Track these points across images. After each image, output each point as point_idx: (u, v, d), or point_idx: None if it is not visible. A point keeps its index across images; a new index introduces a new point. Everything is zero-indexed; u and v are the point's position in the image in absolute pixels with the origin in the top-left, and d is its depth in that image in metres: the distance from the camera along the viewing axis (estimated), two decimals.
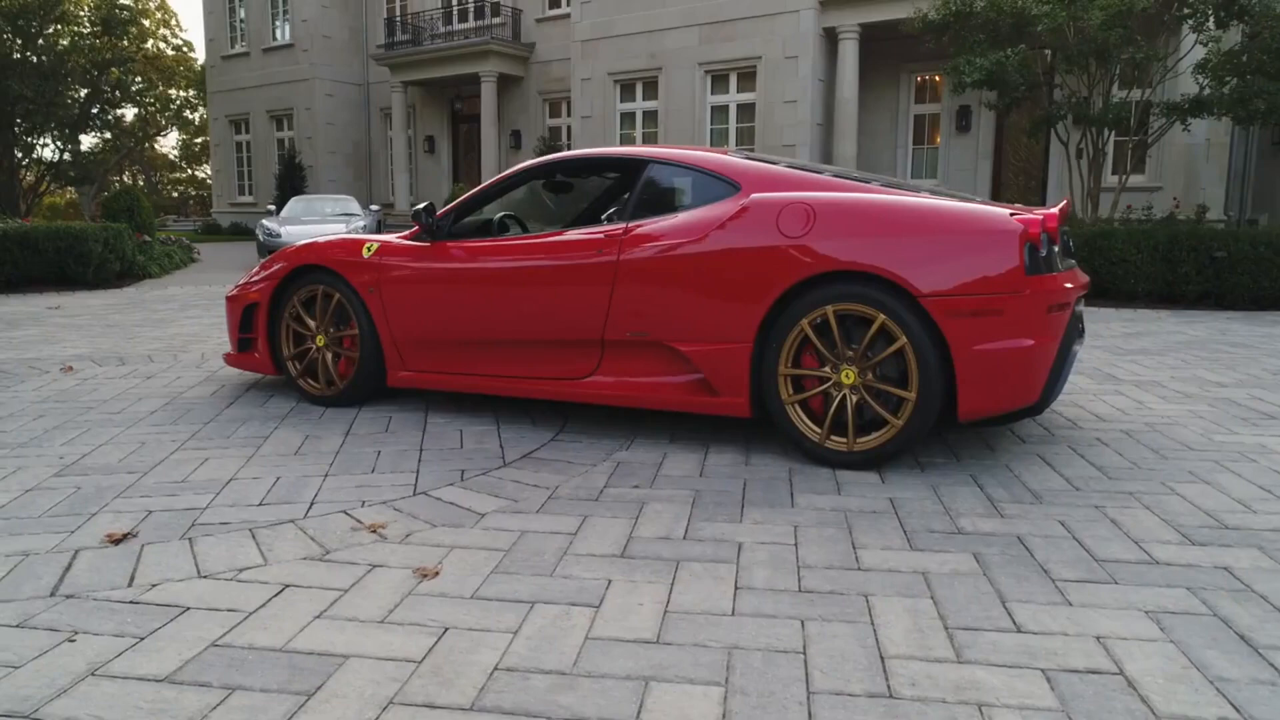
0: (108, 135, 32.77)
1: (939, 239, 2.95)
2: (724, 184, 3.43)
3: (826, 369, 3.13)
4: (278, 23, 24.25)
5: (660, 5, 17.03)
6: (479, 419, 3.88)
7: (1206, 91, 9.12)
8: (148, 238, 12.28)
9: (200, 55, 43.77)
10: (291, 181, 22.71)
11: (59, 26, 23.77)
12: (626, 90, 17.96)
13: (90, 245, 10.06)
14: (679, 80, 16.96)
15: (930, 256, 2.94)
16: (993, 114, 16.03)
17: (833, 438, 3.13)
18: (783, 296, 3.14)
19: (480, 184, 3.88)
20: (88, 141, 30.73)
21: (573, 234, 3.60)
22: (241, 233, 23.90)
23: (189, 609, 2.04)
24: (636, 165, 3.69)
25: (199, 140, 49.10)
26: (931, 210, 3.02)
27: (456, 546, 2.42)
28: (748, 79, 16.34)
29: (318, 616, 2.00)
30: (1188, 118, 9.76)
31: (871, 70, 15.93)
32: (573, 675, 1.75)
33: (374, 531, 2.53)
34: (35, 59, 23.02)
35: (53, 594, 2.11)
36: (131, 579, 2.20)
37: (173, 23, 38.64)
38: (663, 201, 3.59)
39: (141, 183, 48.14)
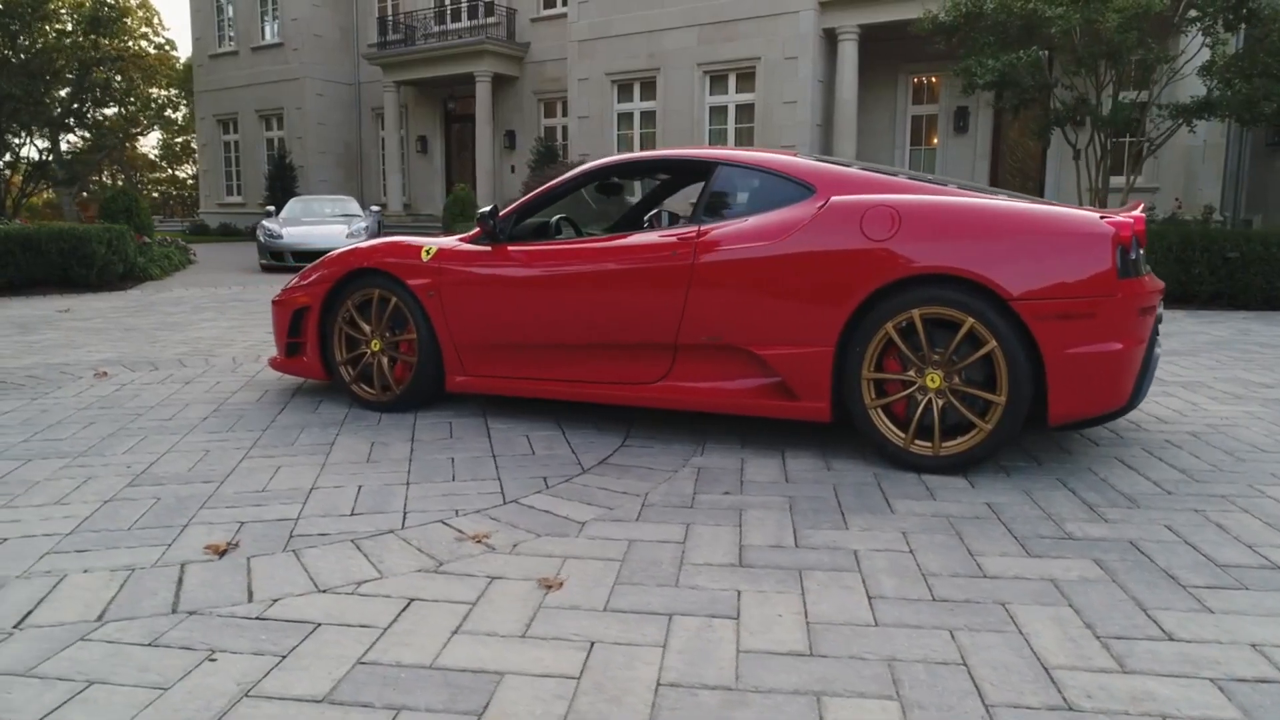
0: (86, 135, 32.33)
1: (1030, 242, 2.94)
2: (798, 186, 3.40)
3: (911, 373, 3.11)
4: (266, 21, 24.01)
5: (659, 6, 17.00)
6: (541, 424, 3.84)
7: (1215, 93, 9.19)
8: (147, 239, 12.11)
9: (182, 54, 43.31)
10: (282, 182, 22.50)
11: (45, 25, 23.40)
12: (624, 90, 17.91)
13: (94, 247, 9.90)
14: (677, 80, 16.94)
15: (1021, 259, 2.93)
16: (990, 115, 16.15)
17: (917, 442, 3.11)
18: (867, 300, 3.11)
19: (542, 184, 3.81)
20: (68, 141, 30.28)
21: (643, 236, 3.56)
22: (231, 233, 23.64)
23: (320, 625, 1.98)
24: (704, 167, 3.66)
25: (179, 140, 48.59)
26: (1021, 213, 3.01)
27: (569, 557, 2.38)
28: (747, 79, 16.35)
29: (455, 632, 1.95)
30: (1193, 119, 9.86)
31: (869, 71, 15.98)
32: (740, 690, 1.71)
33: (479, 542, 2.49)
34: (19, 57, 22.64)
35: (174, 610, 2.05)
36: (250, 594, 2.14)
37: (154, 21, 38.11)
38: (734, 204, 3.56)
39: (121, 183, 47.53)
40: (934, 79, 16.59)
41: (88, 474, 3.12)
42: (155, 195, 49.50)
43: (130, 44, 34.22)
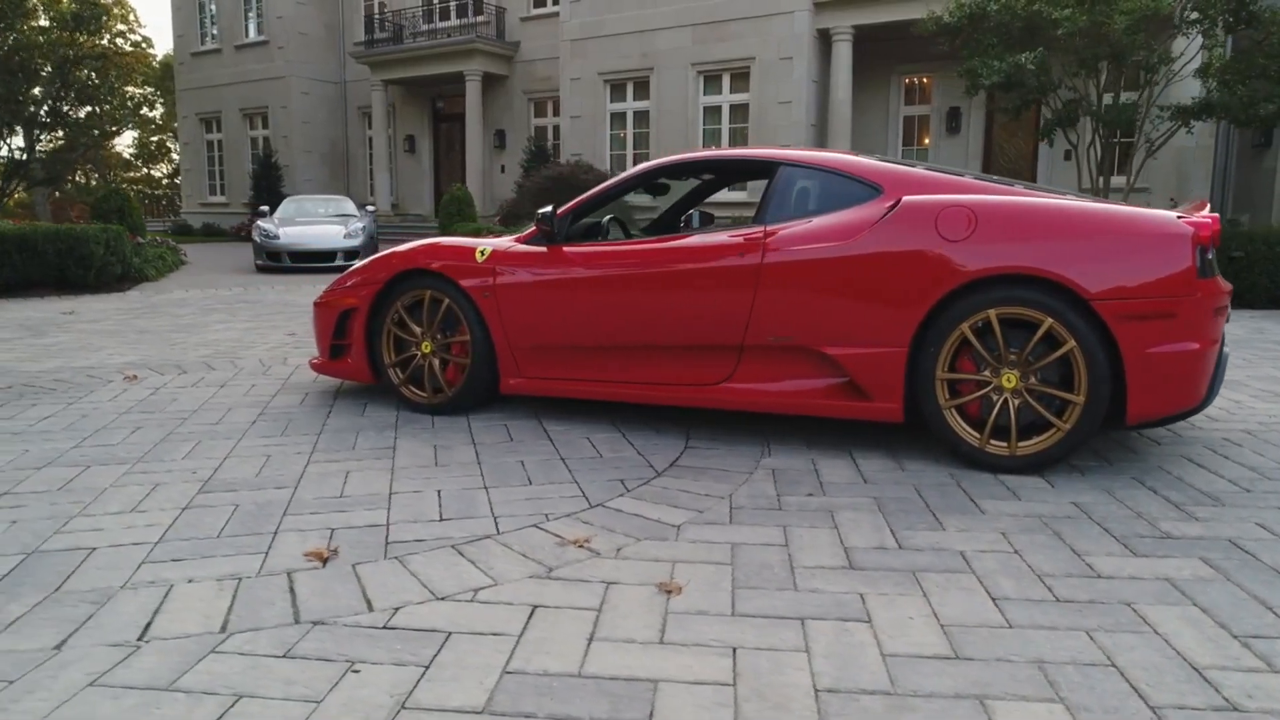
0: (60, 135, 31.75)
1: (1109, 241, 2.95)
2: (864, 186, 3.40)
3: (986, 373, 3.12)
4: (250, 19, 23.73)
5: (652, 5, 16.98)
6: (598, 426, 3.81)
7: (1215, 95, 9.31)
8: (141, 239, 11.92)
9: (158, 51, 42.70)
10: (267, 181, 22.26)
11: (25, 23, 22.96)
12: (617, 90, 17.87)
13: (92, 247, 9.72)
14: (671, 80, 16.94)
15: (1100, 259, 2.94)
16: (983, 116, 16.30)
17: (992, 442, 3.12)
18: (942, 300, 3.12)
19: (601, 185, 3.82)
20: (43, 140, 29.67)
21: (708, 237, 3.55)
22: (215, 233, 23.34)
23: (450, 634, 1.95)
24: (767, 167, 3.65)
25: (154, 139, 47.90)
26: (1099, 213, 3.02)
27: (676, 561, 2.36)
28: (741, 79, 16.38)
29: (591, 639, 1.93)
30: (1191, 120, 9.99)
31: (862, 72, 16.05)
32: (900, 695, 1.70)
33: (580, 546, 2.46)
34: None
35: (297, 621, 2.00)
36: (369, 603, 2.10)
37: (130, 18, 37.49)
38: (798, 204, 3.54)
39: (96, 183, 46.78)
40: (925, 80, 16.70)
41: (153, 480, 3.06)
42: (130, 195, 48.78)
43: (107, 41, 33.72)
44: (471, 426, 3.82)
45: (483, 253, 3.89)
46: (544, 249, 3.83)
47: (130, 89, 37.13)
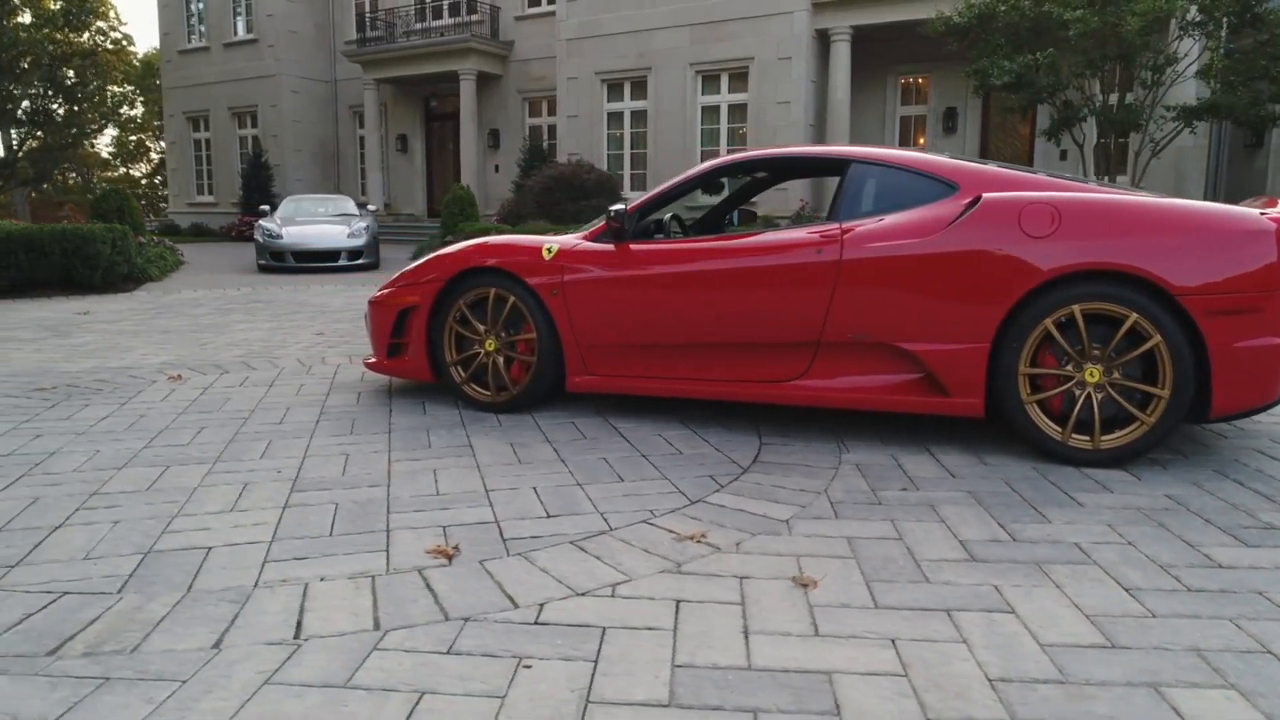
0: (40, 133, 31.31)
1: (1193, 237, 3.00)
2: (939, 184, 3.43)
3: (1069, 367, 3.15)
4: (239, 17, 23.50)
5: (649, 5, 16.99)
6: (666, 424, 3.81)
7: (1220, 96, 9.46)
8: (142, 239, 11.78)
9: (139, 49, 42.16)
10: (258, 180, 22.05)
11: (10, 20, 22.61)
12: (614, 89, 17.87)
13: (99, 247, 9.59)
14: (669, 80, 16.96)
15: (1186, 255, 2.98)
16: (979, 116, 16.45)
17: (1075, 436, 3.16)
18: (1025, 296, 3.15)
19: (663, 185, 3.81)
20: (24, 137, 29.24)
21: (782, 234, 3.56)
22: (203, 233, 23.05)
23: (605, 629, 1.95)
24: (839, 164, 3.67)
25: (133, 139, 47.29)
26: (1181, 209, 3.07)
27: (799, 555, 2.37)
28: (739, 79, 16.42)
29: (746, 633, 1.93)
30: (1194, 120, 10.15)
31: (859, 72, 16.14)
32: (1077, 684, 1.72)
33: (698, 541, 2.46)
34: None
35: (447, 618, 2.00)
36: (511, 599, 2.09)
37: (111, 16, 36.98)
38: (871, 201, 3.56)
39: (72, 182, 46.13)
40: (922, 80, 16.83)
41: (240, 480, 3.03)
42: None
43: (86, 38, 33.26)
44: (540, 425, 3.81)
45: (549, 250, 3.88)
46: (611, 247, 3.83)
47: (114, 88, 36.71)
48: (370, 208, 14.93)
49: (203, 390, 4.53)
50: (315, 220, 13.25)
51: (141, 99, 41.08)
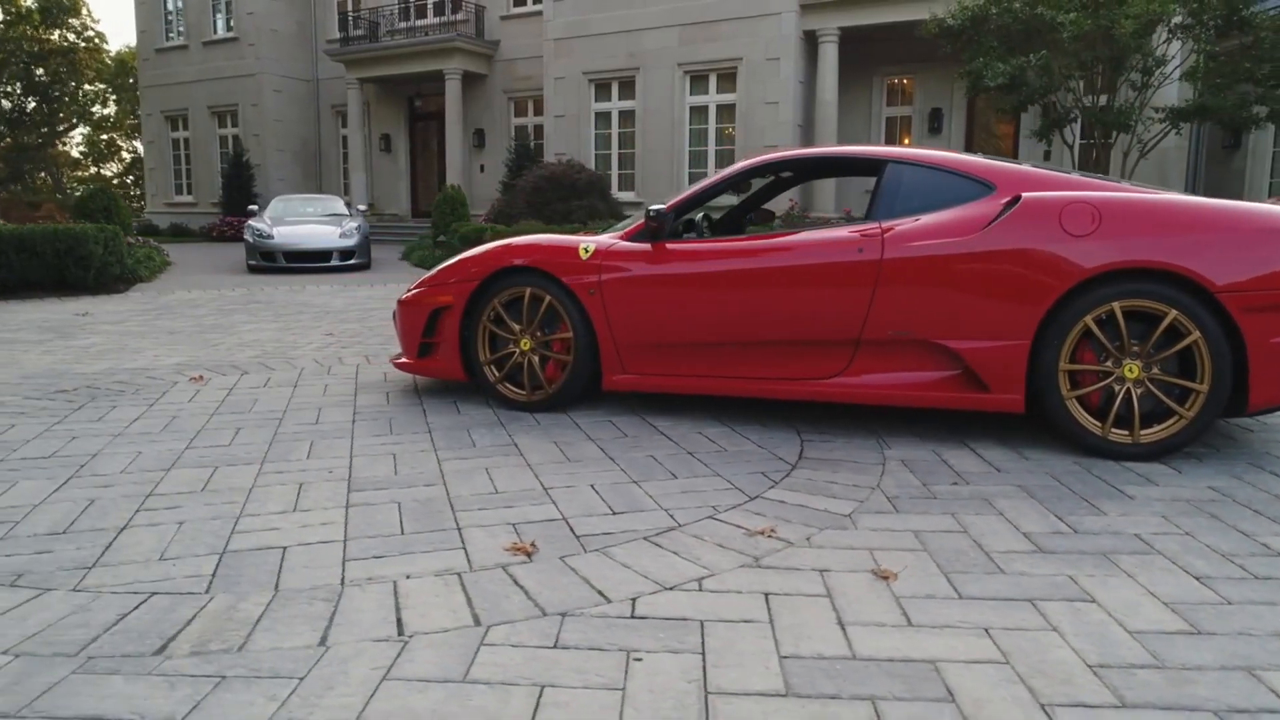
0: (12, 131, 30.81)
1: (1231, 236, 3.08)
2: (977, 184, 3.49)
3: (1108, 363, 3.22)
4: (218, 15, 23.25)
5: (639, 5, 17.02)
6: (704, 421, 3.84)
7: (1207, 98, 9.65)
8: (131, 239, 11.63)
9: (111, 48, 41.58)
10: (239, 180, 21.83)
11: None
12: (602, 89, 17.88)
13: (92, 248, 9.47)
14: (657, 80, 16.99)
15: (1223, 253, 3.06)
16: (964, 116, 16.64)
17: (1114, 430, 3.23)
18: (1066, 294, 3.21)
19: (698, 186, 3.84)
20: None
21: (821, 233, 3.60)
22: (183, 234, 22.78)
23: (702, 621, 1.98)
24: (874, 164, 3.72)
25: (104, 138, 46.62)
26: (1218, 208, 3.15)
27: (871, 548, 2.41)
28: (727, 80, 16.49)
29: (841, 624, 1.97)
30: (1180, 122, 10.34)
31: (845, 73, 16.26)
32: (1175, 669, 1.77)
33: (769, 536, 2.50)
34: None
35: (545, 613, 2.02)
36: (601, 594, 2.12)
37: (84, 13, 36.42)
38: (908, 201, 3.61)
39: (40, 182, 45.38)
40: (907, 81, 17.00)
41: (293, 479, 3.02)
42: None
43: (58, 36, 32.73)
44: (579, 423, 3.83)
45: (586, 250, 3.90)
46: (648, 246, 3.86)
47: (84, 86, 36.18)
48: (360, 208, 14.83)
49: (228, 391, 4.50)
50: (306, 220, 13.15)
51: (114, 97, 40.52)
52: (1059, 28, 9.08)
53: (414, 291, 4.30)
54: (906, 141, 17.20)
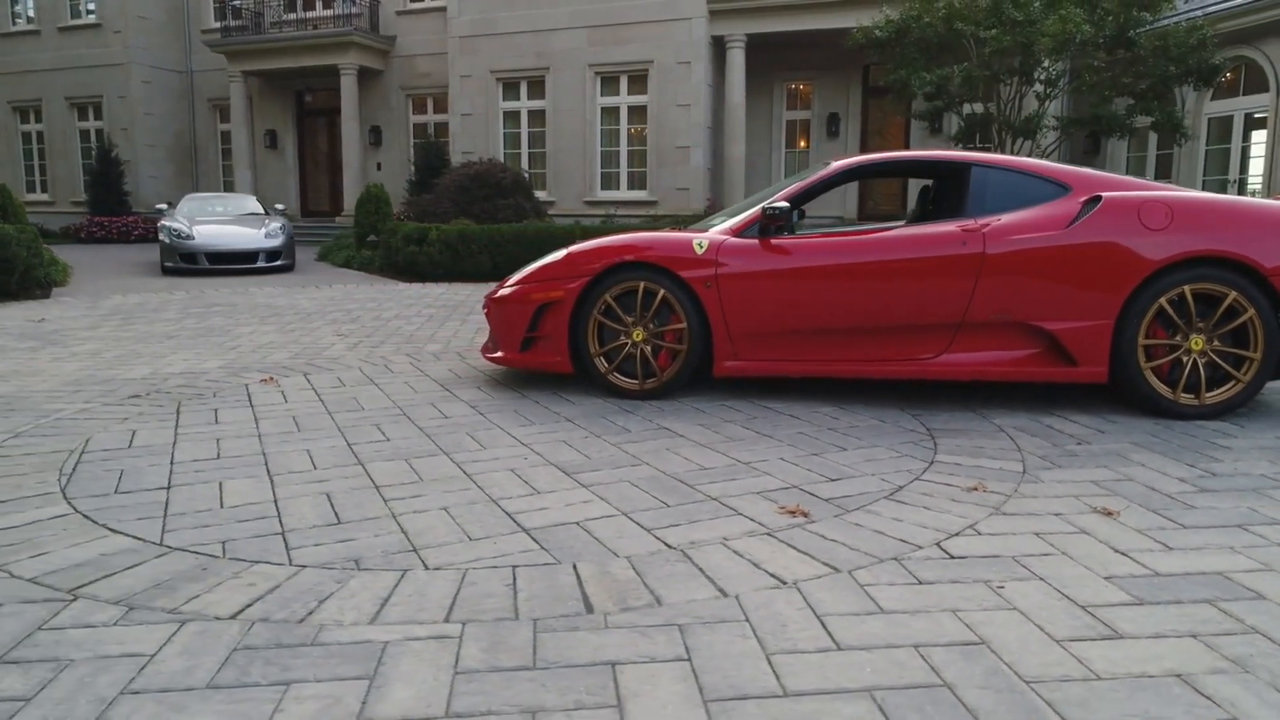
0: None
1: (1278, 229, 3.71)
2: (1054, 185, 4.00)
3: (1178, 338, 3.79)
4: None
5: (547, 6, 17.14)
6: (811, 401, 4.18)
7: (1099, 107, 10.81)
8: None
9: None
10: (107, 178, 20.38)
11: None
12: (510, 88, 17.89)
13: (15, 250, 8.80)
14: (567, 81, 17.18)
15: (1274, 243, 3.69)
16: (859, 121, 17.69)
17: (1183, 395, 3.80)
18: (1146, 279, 3.76)
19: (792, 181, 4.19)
20: None
21: (926, 228, 4.02)
22: (42, 235, 20.96)
23: (1014, 557, 2.32)
24: (959, 168, 4.17)
25: None
26: (1266, 206, 3.77)
27: (1075, 495, 2.82)
28: (639, 82, 16.88)
29: (1121, 552, 2.36)
30: (1071, 130, 11.53)
31: (749, 78, 16.97)
32: None
33: (983, 491, 2.87)
34: None
35: (880, 559, 2.30)
36: (906, 541, 2.42)
37: None
38: (993, 200, 4.07)
39: None
40: (804, 86, 17.92)
41: (498, 466, 3.15)
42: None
43: None
44: (698, 408, 4.08)
45: (700, 245, 4.16)
46: (756, 241, 4.16)
47: None
48: (278, 206, 14.25)
49: (314, 392, 4.47)
50: (224, 220, 12.57)
51: None
52: (978, 42, 9.95)
53: (511, 289, 4.42)
54: (803, 144, 18.13)
